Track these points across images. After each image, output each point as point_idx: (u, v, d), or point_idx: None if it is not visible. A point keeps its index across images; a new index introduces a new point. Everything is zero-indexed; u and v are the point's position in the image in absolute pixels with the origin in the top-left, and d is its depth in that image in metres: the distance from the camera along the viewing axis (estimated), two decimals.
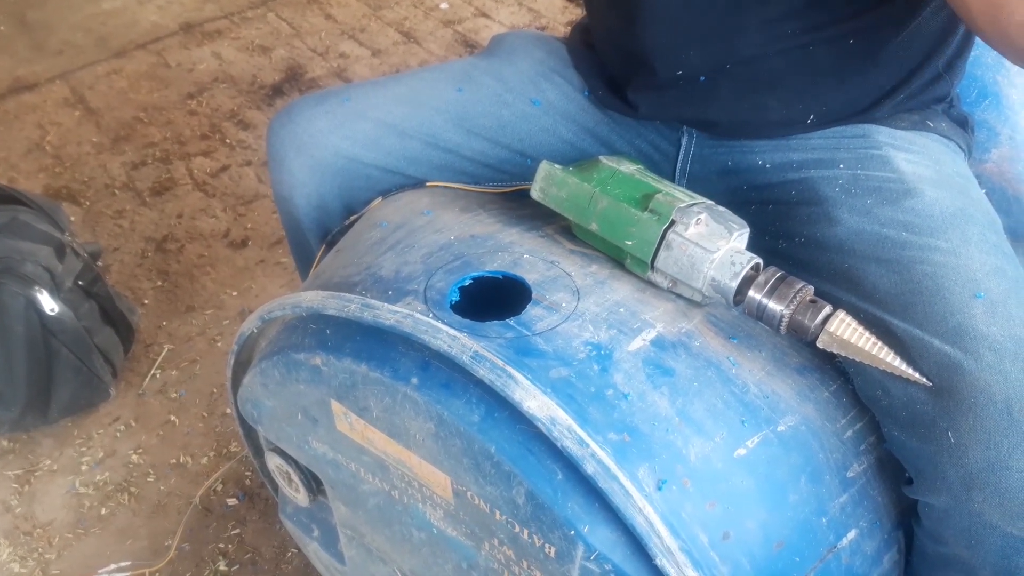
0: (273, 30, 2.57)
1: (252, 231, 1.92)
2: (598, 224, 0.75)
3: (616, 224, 0.74)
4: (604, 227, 0.75)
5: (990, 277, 0.69)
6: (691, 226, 0.71)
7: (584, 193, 0.76)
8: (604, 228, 0.75)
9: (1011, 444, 0.63)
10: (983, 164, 0.97)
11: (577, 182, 0.76)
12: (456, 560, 0.76)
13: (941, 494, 0.67)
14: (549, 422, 0.61)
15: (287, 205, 1.04)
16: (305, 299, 0.74)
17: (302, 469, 0.90)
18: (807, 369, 0.75)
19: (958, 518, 0.67)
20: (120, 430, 1.53)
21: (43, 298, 1.40)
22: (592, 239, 0.79)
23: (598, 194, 0.75)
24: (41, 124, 2.23)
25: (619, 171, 0.77)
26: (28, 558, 1.35)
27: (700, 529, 0.63)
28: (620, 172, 0.77)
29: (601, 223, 0.75)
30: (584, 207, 0.76)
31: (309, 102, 1.02)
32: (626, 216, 0.73)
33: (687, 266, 0.71)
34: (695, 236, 0.71)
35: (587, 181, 0.76)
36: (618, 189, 0.75)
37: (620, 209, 0.74)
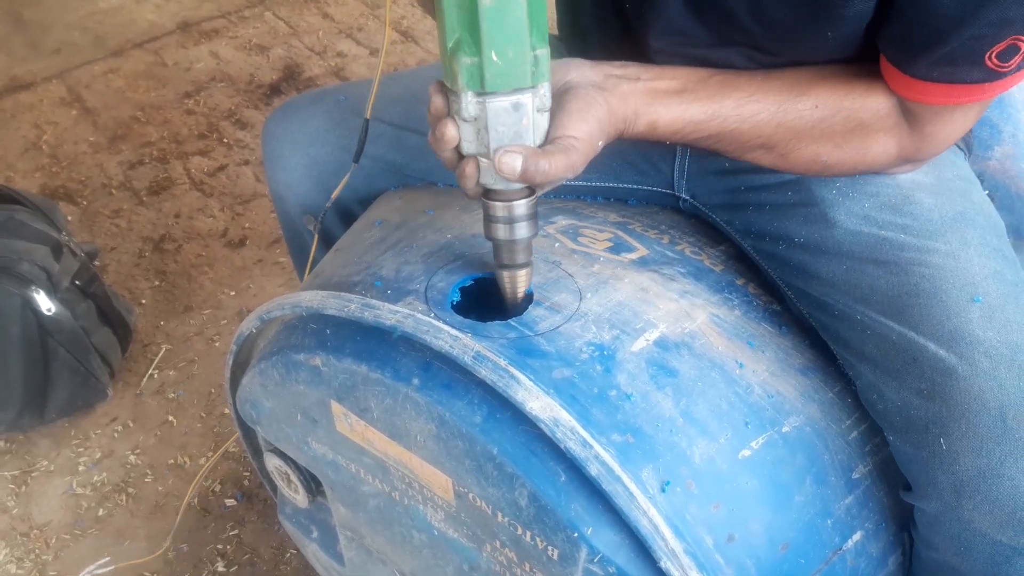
0: (271, 29, 2.56)
1: (250, 230, 1.91)
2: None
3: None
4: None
5: (988, 281, 0.69)
6: (543, 111, 0.62)
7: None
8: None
9: (1003, 452, 0.63)
10: (986, 162, 0.97)
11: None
12: (457, 562, 0.76)
13: (932, 500, 0.67)
14: (552, 423, 0.60)
15: (284, 204, 1.04)
16: (305, 299, 0.73)
17: (301, 470, 0.89)
18: (811, 370, 0.74)
19: (948, 525, 0.66)
20: (118, 430, 1.52)
21: (40, 298, 1.39)
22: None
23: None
24: (38, 123, 2.22)
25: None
26: (25, 559, 1.34)
27: (705, 531, 0.62)
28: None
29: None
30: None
31: (305, 100, 1.01)
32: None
33: (506, 131, 0.61)
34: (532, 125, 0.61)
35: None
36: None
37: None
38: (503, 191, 0.65)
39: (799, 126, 0.70)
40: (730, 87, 0.70)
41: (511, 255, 0.68)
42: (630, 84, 0.69)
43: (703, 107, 0.70)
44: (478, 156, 0.63)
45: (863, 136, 0.71)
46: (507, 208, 0.65)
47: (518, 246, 0.67)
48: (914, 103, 0.69)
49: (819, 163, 0.73)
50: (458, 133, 0.63)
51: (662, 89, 0.70)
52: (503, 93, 0.59)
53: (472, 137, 0.62)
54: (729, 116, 0.70)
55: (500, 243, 0.67)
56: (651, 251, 0.80)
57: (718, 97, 0.70)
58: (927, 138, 0.71)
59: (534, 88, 0.60)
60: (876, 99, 0.70)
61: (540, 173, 0.61)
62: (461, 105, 0.60)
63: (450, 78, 0.61)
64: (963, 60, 0.63)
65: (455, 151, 0.65)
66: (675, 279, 0.77)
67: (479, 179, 0.64)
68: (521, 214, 0.65)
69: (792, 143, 0.72)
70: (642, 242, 0.82)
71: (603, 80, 0.68)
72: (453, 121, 0.63)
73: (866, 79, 0.70)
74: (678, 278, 0.77)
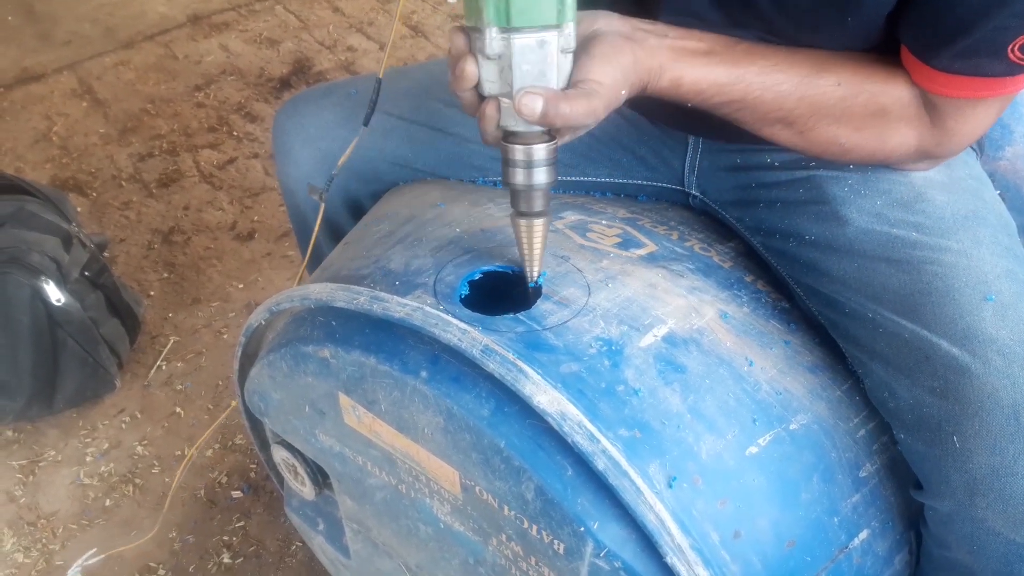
0: (281, 23, 2.57)
1: (259, 224, 1.91)
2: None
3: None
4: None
5: (1001, 279, 0.69)
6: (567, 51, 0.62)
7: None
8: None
9: (1017, 450, 0.62)
10: (997, 162, 0.96)
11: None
12: (463, 555, 0.76)
13: (945, 499, 0.66)
14: (560, 417, 0.60)
15: (294, 198, 1.04)
16: (314, 291, 0.73)
17: (308, 462, 0.90)
18: (819, 368, 0.74)
19: (961, 523, 0.66)
20: (125, 421, 1.53)
21: (49, 288, 1.39)
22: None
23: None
24: (48, 115, 2.23)
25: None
26: (32, 548, 1.35)
27: (711, 527, 0.62)
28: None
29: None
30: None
31: (316, 94, 1.01)
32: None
33: (530, 70, 0.61)
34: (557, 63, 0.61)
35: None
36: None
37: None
38: (523, 134, 0.64)
39: (821, 102, 0.70)
40: (756, 55, 0.70)
41: (528, 201, 0.67)
42: (658, 39, 0.69)
43: (728, 70, 0.69)
44: (500, 96, 0.62)
45: (883, 122, 0.71)
46: (526, 152, 0.64)
47: (536, 192, 0.66)
48: (936, 96, 0.68)
49: (837, 145, 0.72)
50: (478, 71, 0.62)
51: (689, 48, 0.70)
52: (528, 30, 0.59)
53: (495, 76, 0.62)
54: (753, 82, 0.69)
55: (518, 188, 0.66)
56: (660, 247, 0.80)
57: (744, 63, 0.69)
58: (948, 133, 0.71)
59: (559, 27, 0.60)
60: (898, 87, 0.69)
61: (560, 116, 0.61)
62: (485, 42, 0.59)
63: (474, 15, 0.60)
64: (986, 52, 0.63)
65: (475, 92, 0.64)
66: (684, 275, 0.77)
67: (499, 121, 0.63)
68: (540, 159, 0.64)
69: (812, 120, 0.71)
70: (651, 238, 0.81)
71: (631, 31, 0.68)
72: (474, 58, 0.62)
73: (889, 67, 0.70)
74: (687, 274, 0.77)
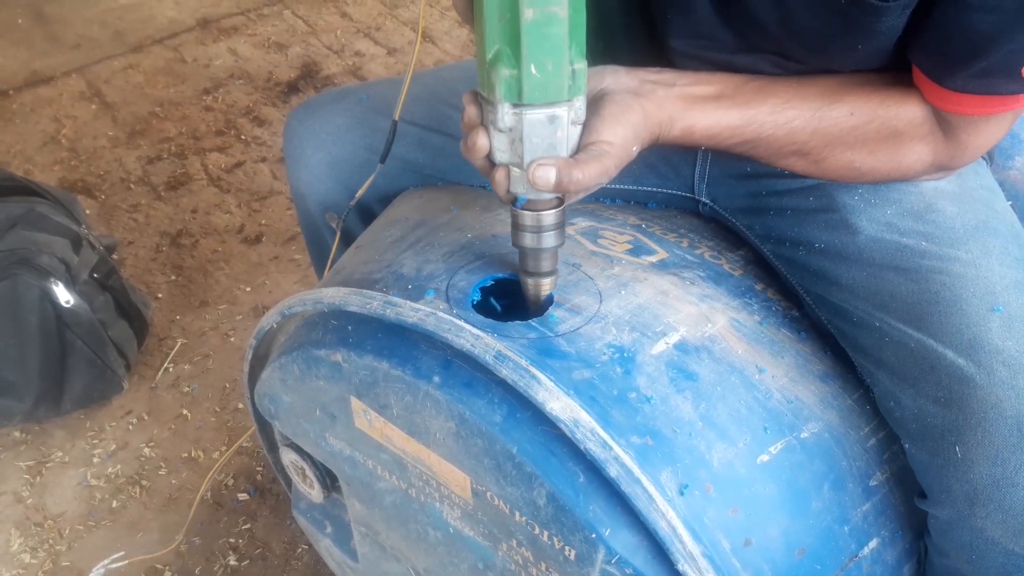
0: (289, 27, 2.58)
1: (266, 227, 1.92)
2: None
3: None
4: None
5: (1009, 291, 0.69)
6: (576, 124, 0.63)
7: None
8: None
9: (1019, 461, 0.62)
10: (1007, 171, 0.96)
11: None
12: (472, 560, 0.76)
13: (946, 508, 0.67)
14: (572, 424, 0.61)
15: (304, 202, 1.04)
16: (326, 295, 0.73)
17: (317, 465, 0.90)
18: (830, 376, 0.74)
19: (961, 532, 0.66)
20: (132, 423, 1.53)
21: (58, 290, 1.40)
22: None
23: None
24: (57, 117, 2.24)
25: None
26: (39, 549, 1.35)
27: (722, 535, 0.62)
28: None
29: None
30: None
31: (327, 99, 1.02)
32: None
33: (540, 143, 0.62)
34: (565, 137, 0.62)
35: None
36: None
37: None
38: (532, 200, 0.66)
39: (834, 133, 0.71)
40: (766, 93, 0.71)
41: (536, 263, 0.69)
42: (666, 89, 0.69)
43: (739, 113, 0.70)
44: (510, 165, 0.64)
45: (897, 144, 0.71)
46: (535, 218, 0.66)
47: (544, 254, 0.68)
48: (949, 113, 0.69)
49: (853, 170, 0.73)
50: (489, 143, 0.64)
51: (698, 95, 0.70)
52: (539, 106, 0.60)
53: (506, 147, 0.63)
54: (765, 122, 0.70)
55: (527, 251, 0.68)
56: (671, 254, 0.80)
57: (754, 103, 0.70)
58: (961, 146, 0.71)
59: (570, 102, 0.61)
60: (910, 108, 0.70)
61: (574, 183, 0.62)
62: (497, 116, 0.61)
63: (487, 89, 0.61)
64: (999, 73, 0.63)
65: (487, 159, 0.65)
66: (695, 283, 0.77)
67: (509, 187, 0.65)
68: (549, 224, 0.66)
69: (827, 150, 0.72)
70: (662, 245, 0.82)
71: (639, 86, 0.69)
72: (485, 131, 0.63)
73: (900, 88, 0.70)
74: (698, 282, 0.77)
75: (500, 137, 0.63)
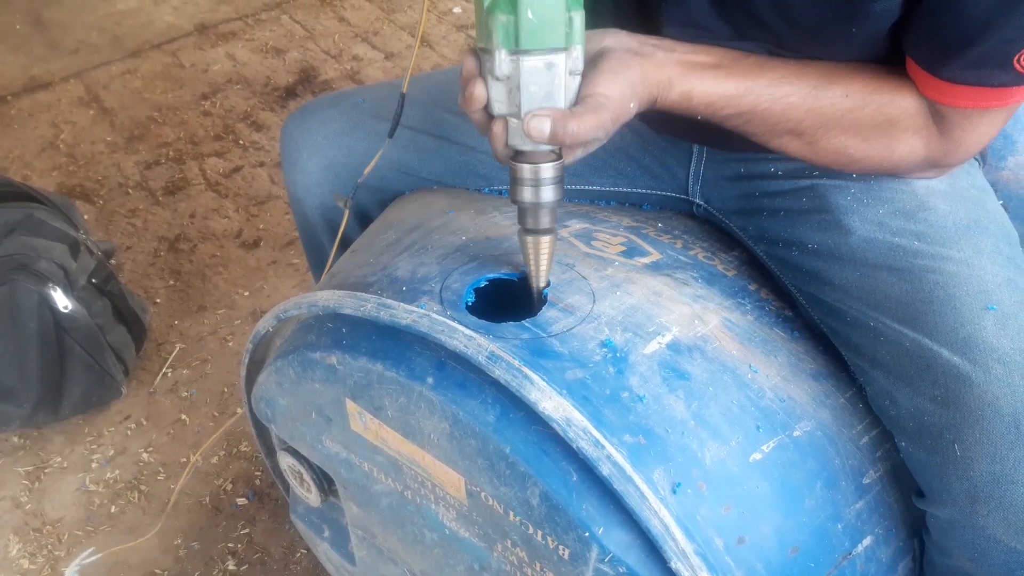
0: (287, 32, 2.59)
1: (264, 232, 1.92)
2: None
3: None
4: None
5: (1002, 289, 0.69)
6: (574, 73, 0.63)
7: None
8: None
9: (1017, 458, 0.63)
10: (999, 172, 0.97)
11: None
12: (468, 561, 0.76)
13: (946, 506, 0.67)
14: (565, 423, 0.61)
15: (301, 206, 1.05)
16: (321, 298, 0.74)
17: (314, 469, 0.90)
18: (823, 375, 0.75)
19: (962, 531, 0.67)
20: (131, 428, 1.53)
21: (57, 295, 1.40)
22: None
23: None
24: (55, 123, 2.24)
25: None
26: (38, 555, 1.35)
27: (715, 533, 0.62)
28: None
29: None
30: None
31: (323, 104, 1.02)
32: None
33: (538, 91, 0.62)
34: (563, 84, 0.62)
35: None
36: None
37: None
38: (531, 153, 0.65)
39: (829, 113, 0.71)
40: (764, 67, 0.71)
41: (536, 219, 0.68)
42: (666, 53, 0.70)
43: (737, 82, 0.70)
44: (508, 117, 0.64)
45: (891, 132, 0.71)
46: (534, 171, 0.65)
47: (543, 209, 0.67)
48: (943, 106, 0.69)
49: (846, 155, 0.73)
50: (487, 93, 0.63)
51: (698, 62, 0.71)
52: (537, 52, 0.60)
53: (503, 97, 0.63)
54: (762, 94, 0.70)
55: (526, 206, 0.68)
56: (664, 255, 0.81)
57: (752, 75, 0.70)
58: (955, 143, 0.71)
59: (567, 50, 0.61)
60: (905, 97, 0.70)
61: (569, 134, 0.62)
62: (495, 63, 0.61)
63: (485, 37, 0.61)
64: (992, 63, 0.64)
65: (485, 112, 0.65)
66: (688, 283, 0.77)
67: (508, 140, 0.65)
68: (548, 177, 0.66)
69: (821, 131, 0.72)
70: (655, 246, 0.82)
71: (639, 46, 0.69)
72: (483, 81, 0.63)
73: (896, 78, 0.71)
74: (691, 282, 0.77)
75: (498, 87, 0.62)
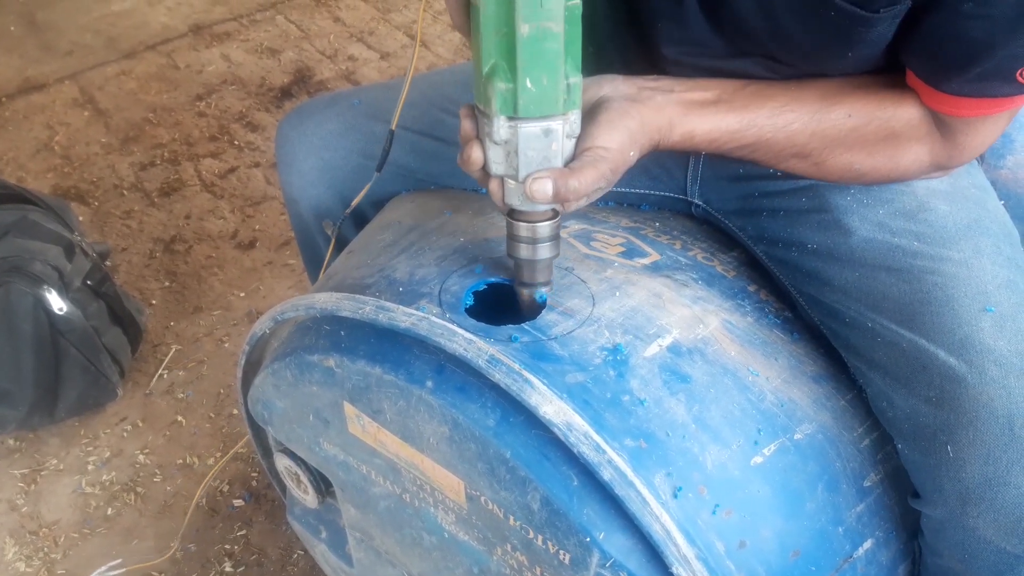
0: (282, 32, 2.58)
1: (260, 232, 1.91)
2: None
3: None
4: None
5: (1001, 290, 0.69)
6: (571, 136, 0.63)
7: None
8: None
9: (1010, 460, 0.63)
10: (998, 171, 0.97)
11: None
12: (467, 565, 0.76)
13: (938, 507, 0.67)
14: (565, 427, 0.61)
15: (296, 207, 1.04)
16: (319, 300, 0.73)
17: (311, 471, 0.90)
18: (823, 378, 0.74)
19: (953, 532, 0.67)
20: (127, 430, 1.53)
21: (52, 297, 1.39)
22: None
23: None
24: (50, 124, 2.23)
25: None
26: (34, 557, 1.35)
27: (716, 537, 0.62)
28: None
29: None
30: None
31: (319, 104, 1.02)
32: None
33: (535, 156, 0.62)
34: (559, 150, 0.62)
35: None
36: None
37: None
38: (528, 212, 0.66)
39: (833, 135, 0.71)
40: (764, 97, 0.71)
41: (532, 274, 0.69)
42: (664, 95, 0.70)
43: (738, 117, 0.70)
44: (505, 177, 0.64)
45: (896, 145, 0.71)
46: (530, 229, 0.66)
47: (539, 266, 0.69)
48: (946, 116, 0.69)
49: (853, 171, 0.73)
50: (483, 155, 0.64)
51: (697, 100, 0.71)
52: (535, 119, 0.61)
53: (501, 159, 0.64)
54: (764, 125, 0.70)
55: (522, 263, 0.69)
56: (663, 256, 0.80)
57: (753, 107, 0.70)
58: (959, 147, 0.71)
59: (565, 115, 0.61)
60: (907, 109, 0.70)
61: (571, 191, 0.62)
62: (493, 128, 0.61)
63: (483, 101, 0.62)
64: (995, 78, 0.64)
65: (484, 171, 0.66)
66: (688, 285, 0.77)
67: (504, 199, 0.65)
68: (544, 235, 0.67)
69: (827, 152, 0.72)
70: (654, 247, 0.82)
71: (636, 93, 0.69)
72: (479, 144, 0.64)
73: (897, 89, 0.71)
74: (691, 284, 0.77)
75: (495, 149, 0.63)
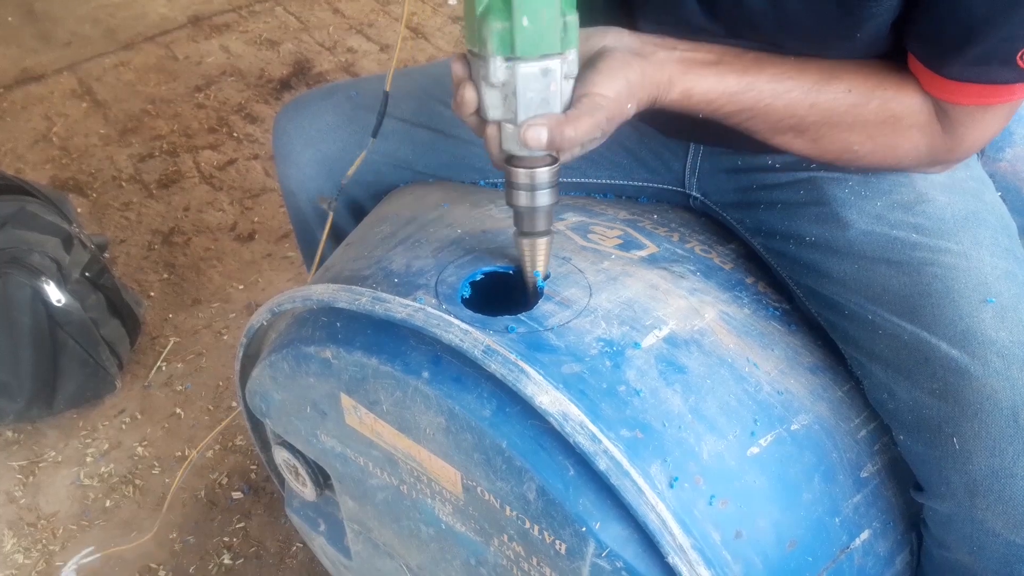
0: (281, 24, 2.57)
1: (259, 225, 1.91)
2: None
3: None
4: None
5: (1001, 281, 0.69)
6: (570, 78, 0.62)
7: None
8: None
9: (1016, 451, 0.63)
10: (997, 163, 0.97)
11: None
12: (464, 556, 0.76)
13: (945, 500, 0.67)
14: (561, 417, 0.61)
15: (294, 199, 1.04)
16: (316, 292, 0.73)
17: (309, 463, 0.90)
18: (820, 368, 0.74)
19: (961, 524, 0.66)
20: (125, 422, 1.53)
21: (50, 289, 1.39)
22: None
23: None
24: (48, 115, 2.23)
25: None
26: (32, 549, 1.35)
27: (712, 527, 0.62)
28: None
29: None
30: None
31: (317, 96, 1.01)
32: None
33: (534, 97, 0.61)
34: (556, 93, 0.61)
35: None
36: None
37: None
38: (526, 158, 0.65)
39: (832, 109, 0.70)
40: (765, 63, 0.70)
41: (532, 222, 0.68)
42: (667, 52, 0.69)
43: (738, 79, 0.69)
44: (503, 122, 0.63)
45: (895, 129, 0.71)
46: (529, 175, 0.65)
47: (539, 213, 0.67)
48: (946, 103, 0.69)
49: (850, 152, 0.73)
50: (477, 97, 0.63)
51: (698, 59, 0.70)
52: (532, 59, 0.59)
53: (498, 103, 0.62)
54: (764, 90, 0.70)
55: (521, 210, 0.67)
56: (661, 248, 0.80)
57: (753, 70, 0.70)
58: (959, 139, 0.71)
59: (563, 54, 0.60)
60: (908, 93, 0.70)
61: (567, 140, 0.61)
62: (489, 70, 0.60)
63: (478, 43, 0.60)
64: (995, 60, 0.63)
65: (478, 116, 0.64)
66: (685, 277, 0.77)
67: (502, 144, 0.64)
68: (543, 181, 0.65)
69: (824, 128, 0.71)
70: (652, 239, 0.82)
71: (640, 46, 0.69)
72: (472, 85, 0.62)
73: (899, 74, 0.70)
74: (688, 276, 0.77)
75: (492, 93, 0.62)
